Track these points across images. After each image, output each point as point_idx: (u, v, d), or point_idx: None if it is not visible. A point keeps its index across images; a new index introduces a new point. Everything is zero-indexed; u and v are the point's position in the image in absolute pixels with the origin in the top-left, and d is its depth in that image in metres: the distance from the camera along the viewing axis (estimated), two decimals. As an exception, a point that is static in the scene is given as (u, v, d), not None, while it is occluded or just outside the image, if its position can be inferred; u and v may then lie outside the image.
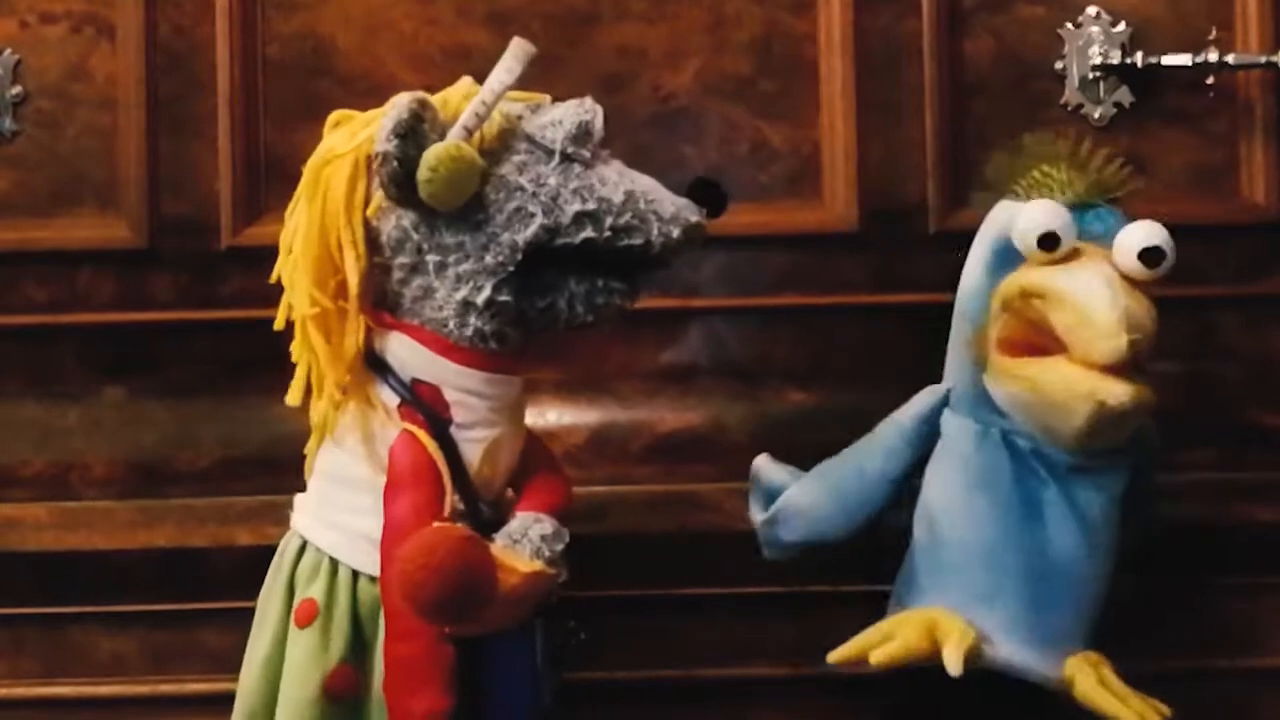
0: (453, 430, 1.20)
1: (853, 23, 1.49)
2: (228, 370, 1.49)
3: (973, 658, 1.18)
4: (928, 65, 1.50)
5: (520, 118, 1.21)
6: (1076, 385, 1.18)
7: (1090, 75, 1.51)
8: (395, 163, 1.15)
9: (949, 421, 1.28)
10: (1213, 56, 1.48)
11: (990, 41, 1.51)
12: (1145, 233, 1.21)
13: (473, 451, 1.21)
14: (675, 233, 1.19)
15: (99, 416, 1.49)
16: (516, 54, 1.20)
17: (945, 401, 1.29)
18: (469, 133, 1.18)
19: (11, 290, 1.50)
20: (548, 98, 1.23)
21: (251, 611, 1.41)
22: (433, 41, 1.50)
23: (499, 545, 1.17)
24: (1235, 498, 1.40)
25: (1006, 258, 1.24)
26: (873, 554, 1.31)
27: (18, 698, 1.43)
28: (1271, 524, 1.41)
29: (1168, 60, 1.49)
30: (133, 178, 1.49)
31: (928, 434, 1.29)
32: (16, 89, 1.50)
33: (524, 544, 1.19)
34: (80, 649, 1.43)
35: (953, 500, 1.26)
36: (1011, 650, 1.21)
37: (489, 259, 1.18)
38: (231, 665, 1.42)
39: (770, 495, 1.34)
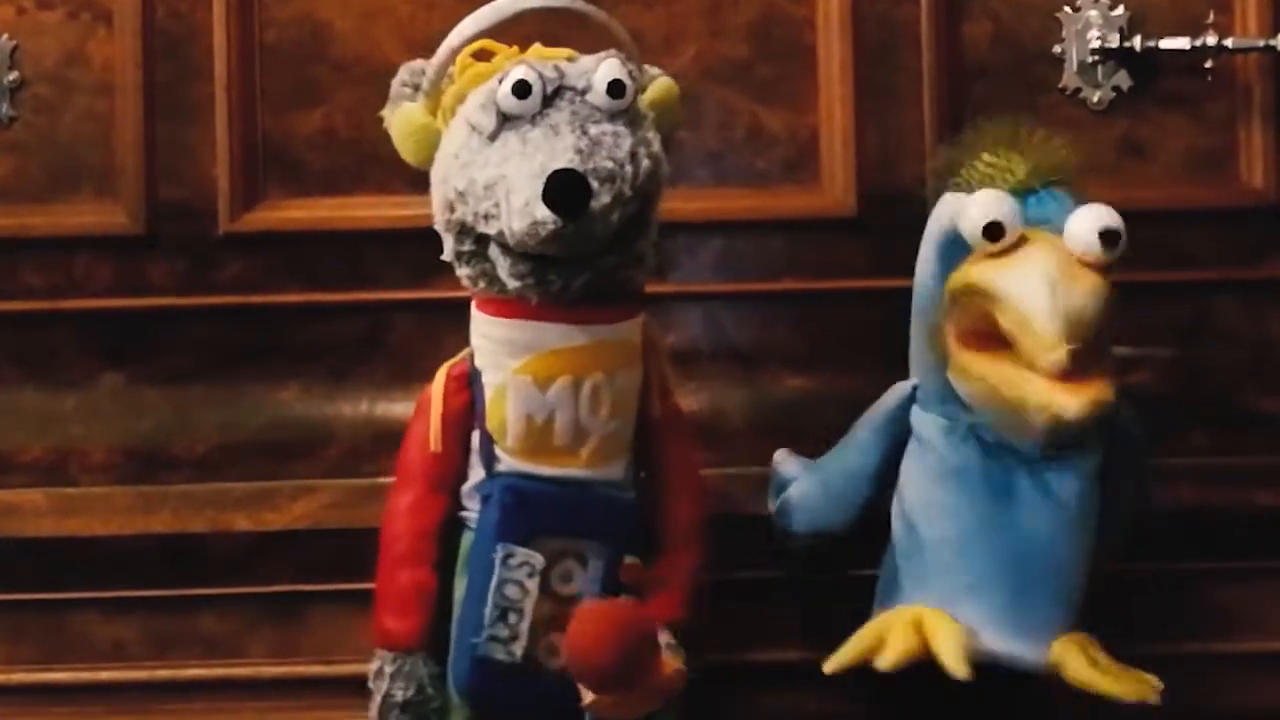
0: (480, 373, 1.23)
1: (851, 7, 1.49)
2: (226, 356, 1.49)
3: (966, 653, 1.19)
4: (926, 49, 1.50)
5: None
6: (1029, 397, 1.17)
7: (1089, 59, 1.51)
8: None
9: (918, 418, 1.28)
10: (1211, 40, 1.48)
11: (988, 25, 1.51)
12: (1097, 215, 1.20)
13: (485, 395, 1.22)
14: (519, 228, 1.14)
15: (97, 403, 1.49)
16: (479, 15, 1.20)
17: (913, 397, 1.29)
18: (424, 94, 1.21)
19: (8, 276, 1.49)
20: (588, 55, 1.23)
21: (249, 597, 1.42)
22: (430, 25, 1.49)
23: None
24: (1233, 482, 1.40)
25: (955, 250, 1.23)
26: (874, 540, 1.31)
27: (16, 684, 1.43)
28: (1269, 508, 1.41)
29: (1166, 44, 1.49)
30: (130, 163, 1.49)
31: (898, 430, 1.29)
32: (13, 75, 1.50)
33: None
34: (79, 635, 1.43)
35: (927, 498, 1.26)
36: (997, 640, 1.21)
37: (439, 216, 1.22)
38: (229, 650, 1.43)
39: (783, 488, 1.36)
